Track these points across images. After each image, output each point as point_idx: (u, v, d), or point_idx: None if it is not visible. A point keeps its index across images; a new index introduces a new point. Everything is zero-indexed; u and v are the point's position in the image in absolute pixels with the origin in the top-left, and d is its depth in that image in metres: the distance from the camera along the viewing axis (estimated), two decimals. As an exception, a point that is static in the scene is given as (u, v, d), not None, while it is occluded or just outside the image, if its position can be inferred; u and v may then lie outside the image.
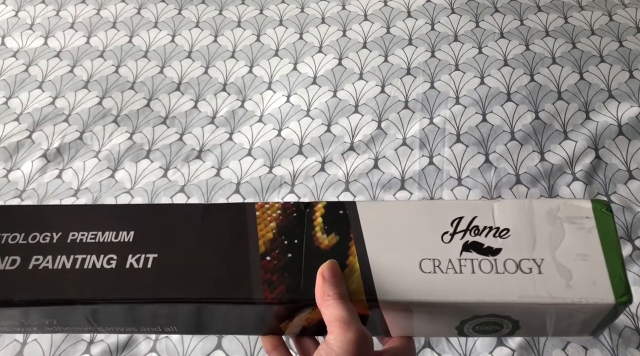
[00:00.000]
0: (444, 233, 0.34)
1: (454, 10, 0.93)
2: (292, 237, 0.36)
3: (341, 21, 0.94)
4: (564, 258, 0.32)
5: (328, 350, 0.29)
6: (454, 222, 0.34)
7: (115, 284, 0.34)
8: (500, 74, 0.82)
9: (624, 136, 0.73)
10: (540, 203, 0.34)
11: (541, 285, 0.31)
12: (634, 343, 0.57)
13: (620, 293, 0.31)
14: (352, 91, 0.82)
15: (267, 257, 0.35)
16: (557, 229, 0.33)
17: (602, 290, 0.31)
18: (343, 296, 0.31)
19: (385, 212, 0.36)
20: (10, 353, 0.60)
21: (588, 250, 0.32)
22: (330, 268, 0.32)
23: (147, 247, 0.35)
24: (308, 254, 0.35)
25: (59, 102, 0.84)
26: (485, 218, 0.34)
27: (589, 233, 0.33)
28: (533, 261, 0.32)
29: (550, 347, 0.57)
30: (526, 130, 0.75)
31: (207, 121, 0.81)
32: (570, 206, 0.34)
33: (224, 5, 0.99)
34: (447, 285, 0.32)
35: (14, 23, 0.98)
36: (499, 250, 0.33)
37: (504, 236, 0.33)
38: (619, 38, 0.86)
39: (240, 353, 0.59)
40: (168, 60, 0.90)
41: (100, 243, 0.35)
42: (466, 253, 0.33)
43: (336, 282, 0.32)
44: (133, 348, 0.60)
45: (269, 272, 0.34)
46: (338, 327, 0.30)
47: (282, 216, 0.37)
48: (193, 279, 0.34)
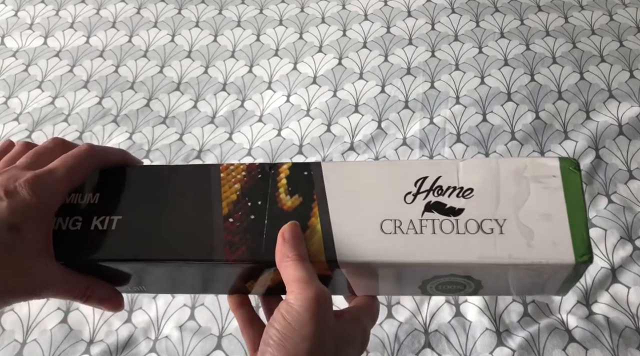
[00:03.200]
0: (407, 194, 0.34)
1: (454, 10, 0.93)
2: (256, 198, 0.35)
3: (341, 21, 0.93)
4: (527, 218, 0.32)
5: (288, 308, 0.29)
6: (418, 182, 0.34)
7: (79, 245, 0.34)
8: (501, 74, 0.82)
9: (625, 136, 0.73)
10: (507, 162, 0.34)
11: (502, 245, 0.31)
12: (635, 343, 0.57)
13: (581, 252, 0.30)
14: (352, 91, 0.82)
15: (230, 218, 0.35)
16: (522, 189, 0.33)
17: (563, 250, 0.31)
18: (302, 257, 0.31)
19: (350, 172, 0.35)
20: (10, 353, 0.60)
21: (552, 210, 0.32)
22: (290, 230, 0.32)
23: (112, 208, 0.36)
24: (271, 216, 0.35)
25: (59, 101, 0.84)
26: (449, 178, 0.34)
27: (555, 193, 0.32)
28: (495, 221, 0.32)
29: (551, 347, 0.57)
30: (526, 130, 0.75)
31: (206, 121, 0.81)
32: (538, 165, 0.33)
33: (223, 4, 0.98)
34: (406, 245, 0.32)
35: (14, 23, 0.98)
36: (461, 210, 0.33)
37: (467, 196, 0.33)
38: (620, 38, 0.86)
39: (240, 353, 0.59)
40: (168, 60, 0.90)
41: (67, 205, 0.35)
42: (428, 213, 0.33)
43: (296, 244, 0.32)
44: (133, 348, 0.60)
45: (231, 234, 0.34)
46: (297, 287, 0.30)
47: (246, 178, 0.36)
48: (156, 240, 0.35)
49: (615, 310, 0.59)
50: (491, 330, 0.58)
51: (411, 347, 0.58)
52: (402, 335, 0.59)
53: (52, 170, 0.32)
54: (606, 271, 0.61)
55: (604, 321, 0.58)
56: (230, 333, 0.60)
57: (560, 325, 0.58)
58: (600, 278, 0.61)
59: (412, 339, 0.59)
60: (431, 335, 0.59)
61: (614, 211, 0.66)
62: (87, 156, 0.34)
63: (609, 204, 0.67)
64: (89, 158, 0.34)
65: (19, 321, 0.62)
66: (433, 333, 0.59)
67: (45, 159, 0.33)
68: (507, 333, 0.58)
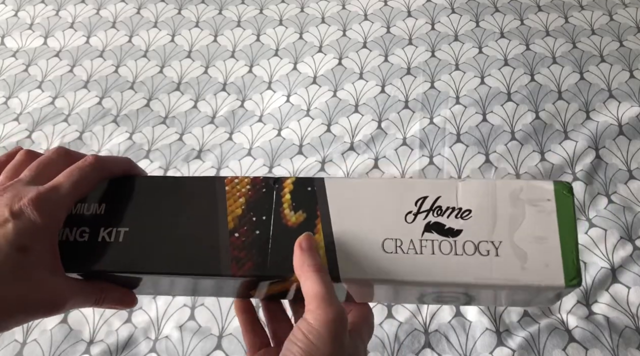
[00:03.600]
0: (408, 213, 0.34)
1: (454, 10, 0.93)
2: (261, 213, 0.36)
3: (341, 21, 0.93)
4: (522, 240, 0.33)
5: (309, 328, 0.30)
6: (418, 202, 0.35)
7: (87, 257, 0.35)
8: (501, 74, 0.82)
9: (625, 136, 0.73)
10: (504, 184, 0.34)
11: (497, 267, 0.32)
12: (635, 343, 0.57)
13: (571, 276, 0.32)
14: (352, 91, 0.82)
15: (236, 233, 0.35)
16: (518, 211, 0.34)
17: (554, 273, 0.32)
18: (321, 268, 0.31)
19: (353, 189, 0.36)
20: (10, 353, 0.60)
21: (546, 233, 0.33)
22: (307, 239, 0.33)
23: (119, 220, 0.36)
24: (276, 231, 0.35)
25: (59, 101, 0.84)
26: (448, 198, 0.34)
27: (549, 216, 0.33)
28: (491, 243, 0.33)
29: (551, 347, 0.57)
30: (526, 130, 0.75)
31: (206, 121, 0.81)
32: (533, 187, 0.34)
33: (223, 5, 0.98)
34: (407, 265, 0.33)
35: (14, 23, 0.98)
36: (459, 232, 0.33)
37: (465, 217, 0.34)
38: (620, 38, 0.86)
39: (240, 353, 0.59)
40: (168, 60, 0.90)
41: (72, 215, 0.35)
42: (428, 233, 0.34)
43: (313, 254, 0.32)
44: (133, 348, 0.60)
45: (237, 249, 0.35)
46: (317, 306, 0.30)
47: (251, 191, 0.37)
48: (163, 254, 0.35)
49: (615, 310, 0.59)
50: (491, 330, 0.58)
51: (411, 347, 0.58)
52: (402, 335, 0.59)
53: (57, 186, 0.32)
54: (606, 271, 0.61)
55: (604, 321, 0.58)
56: (230, 333, 0.60)
57: (560, 325, 0.58)
58: (600, 278, 0.61)
59: (412, 339, 0.59)
60: (431, 335, 0.59)
61: (614, 211, 0.66)
62: (93, 169, 0.34)
63: (609, 204, 0.67)
64: (94, 171, 0.34)
65: (19, 321, 0.62)
66: (433, 333, 0.59)
67: (49, 172, 0.33)
68: (507, 333, 0.58)
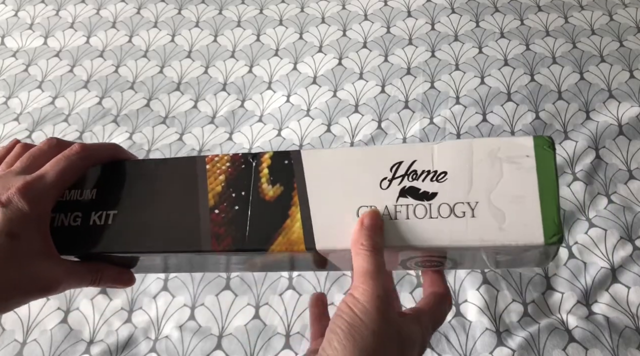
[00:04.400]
0: (383, 179, 0.34)
1: (454, 10, 0.93)
2: (240, 189, 0.36)
3: (341, 21, 0.93)
4: (499, 200, 0.32)
5: (354, 302, 0.30)
6: (393, 167, 0.34)
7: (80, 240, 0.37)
8: (501, 74, 0.82)
9: (625, 136, 0.73)
10: (481, 143, 0.33)
11: (473, 229, 0.32)
12: (635, 343, 0.57)
13: (551, 233, 0.31)
14: (352, 91, 0.82)
15: (216, 210, 0.36)
16: (496, 170, 0.33)
17: (533, 232, 0.31)
18: (375, 248, 0.31)
19: (330, 159, 0.36)
20: (10, 353, 0.60)
21: (524, 191, 0.32)
22: (370, 217, 0.32)
23: (108, 204, 0.37)
24: (254, 206, 0.36)
25: (59, 101, 0.84)
26: (424, 162, 0.34)
27: (528, 173, 0.32)
28: (467, 204, 0.32)
29: (551, 347, 0.57)
30: (526, 130, 0.75)
31: (207, 121, 0.81)
32: (512, 145, 0.33)
33: (223, 5, 0.98)
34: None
35: (14, 23, 0.98)
36: (434, 195, 0.33)
37: (441, 180, 0.33)
38: (620, 38, 0.86)
39: (240, 353, 0.59)
40: (168, 60, 0.90)
41: (67, 202, 0.37)
42: (402, 198, 0.33)
43: (373, 232, 0.32)
44: (133, 348, 0.60)
45: (217, 225, 0.35)
46: (363, 282, 0.30)
47: (230, 168, 0.37)
48: (149, 234, 0.37)
49: (615, 310, 0.59)
50: (491, 330, 0.58)
51: (411, 347, 0.58)
52: (402, 335, 0.59)
53: (42, 175, 0.34)
54: (606, 271, 0.61)
55: (604, 321, 0.58)
56: (230, 333, 0.60)
57: (560, 325, 0.58)
58: (600, 278, 0.61)
59: (412, 339, 0.59)
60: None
61: (614, 211, 0.66)
62: (79, 158, 0.35)
63: (609, 204, 0.67)
64: (80, 160, 0.36)
65: (19, 321, 0.62)
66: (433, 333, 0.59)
67: (39, 162, 0.35)
68: (507, 333, 0.58)
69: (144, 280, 0.65)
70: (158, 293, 0.64)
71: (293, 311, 0.61)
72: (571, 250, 0.64)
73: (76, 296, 0.64)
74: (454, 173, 0.33)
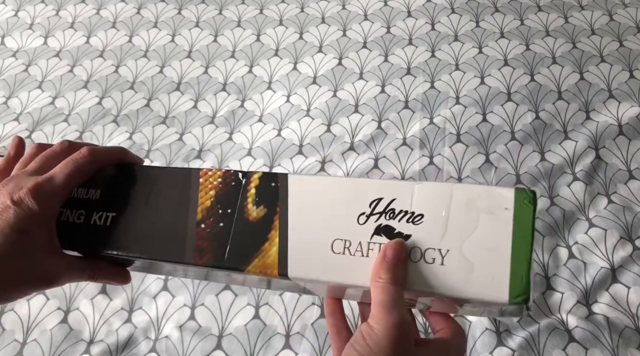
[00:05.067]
0: (361, 214, 0.33)
1: (454, 10, 0.93)
2: (227, 206, 0.37)
3: (341, 21, 0.93)
4: (471, 251, 0.31)
5: (369, 331, 0.30)
6: (373, 203, 0.34)
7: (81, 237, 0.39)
8: (501, 74, 0.82)
9: (625, 136, 0.73)
10: (462, 189, 0.33)
11: (440, 277, 0.31)
12: (635, 343, 0.57)
13: (516, 293, 0.30)
14: (352, 91, 0.82)
15: (202, 224, 0.37)
16: (472, 219, 0.32)
17: (498, 288, 0.30)
18: (394, 280, 0.31)
19: (314, 187, 0.35)
20: (10, 353, 0.60)
21: (497, 245, 0.31)
22: (394, 249, 0.32)
23: (109, 205, 0.39)
24: (237, 225, 0.36)
25: (59, 101, 0.84)
26: (403, 202, 0.33)
27: (504, 227, 0.31)
28: (439, 251, 0.32)
29: (551, 347, 0.57)
30: (526, 130, 0.75)
31: (206, 121, 0.81)
32: (492, 195, 0.32)
33: (223, 5, 0.99)
34: (351, 268, 0.33)
35: (14, 23, 0.98)
36: (408, 237, 0.32)
37: (417, 222, 0.33)
38: (619, 38, 0.86)
39: (240, 353, 0.59)
40: (168, 60, 0.90)
41: (74, 199, 0.39)
42: (377, 236, 0.33)
43: (394, 265, 0.31)
44: (133, 348, 0.60)
45: (201, 239, 0.36)
46: (379, 311, 0.30)
47: (221, 184, 0.38)
48: (139, 239, 0.38)
49: (615, 310, 0.59)
50: (491, 330, 0.58)
51: (411, 347, 0.58)
52: (402, 335, 0.59)
53: (52, 177, 0.36)
54: (606, 271, 0.61)
55: (604, 321, 0.58)
56: (230, 333, 0.60)
57: (560, 325, 0.58)
58: (600, 278, 0.61)
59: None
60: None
61: (614, 211, 0.66)
62: (86, 161, 0.38)
63: (609, 204, 0.67)
64: (87, 163, 0.38)
65: (19, 321, 0.62)
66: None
67: (51, 163, 0.38)
68: (507, 333, 0.58)
69: (144, 280, 0.65)
70: (158, 293, 0.64)
71: (293, 311, 0.61)
72: (571, 250, 0.64)
73: (76, 296, 0.64)
74: (430, 216, 0.32)
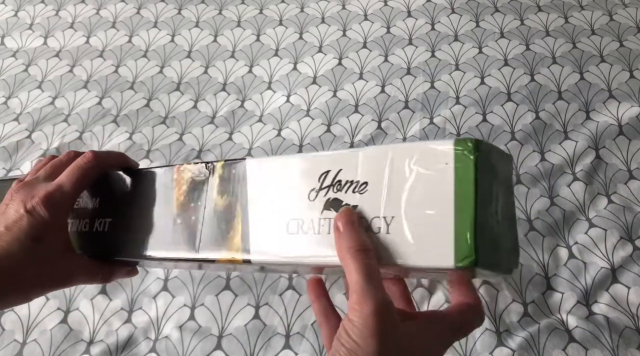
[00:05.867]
0: (311, 190, 0.32)
1: (454, 10, 0.93)
2: (197, 199, 0.37)
3: (341, 21, 0.93)
4: (414, 215, 0.29)
5: (350, 325, 0.29)
6: (321, 177, 0.32)
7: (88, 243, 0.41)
8: (501, 74, 0.82)
9: (625, 136, 0.73)
10: (399, 150, 0.30)
11: (387, 246, 0.29)
12: (635, 344, 0.57)
13: (462, 256, 0.27)
14: (352, 91, 0.82)
15: (178, 219, 0.37)
16: (412, 180, 0.29)
17: (443, 252, 0.27)
18: (359, 250, 0.29)
19: (269, 169, 0.35)
20: (10, 353, 0.60)
21: (440, 204, 0.28)
22: (342, 217, 0.30)
23: (106, 212, 0.41)
24: (206, 217, 0.36)
25: (59, 101, 0.84)
26: (349, 172, 0.31)
27: (445, 184, 0.28)
28: (383, 219, 0.30)
29: (551, 347, 0.57)
30: (526, 130, 0.75)
31: (206, 121, 0.81)
32: (430, 150, 0.29)
33: (223, 5, 0.98)
34: (305, 246, 0.32)
35: (14, 23, 0.98)
36: (354, 208, 0.31)
37: (362, 191, 0.31)
38: (620, 38, 0.86)
39: (239, 353, 0.59)
40: (168, 60, 0.90)
41: (79, 209, 0.42)
42: (326, 212, 0.32)
43: (349, 233, 0.30)
44: (133, 348, 0.60)
45: (178, 234, 0.37)
46: (356, 301, 0.28)
47: (191, 178, 0.38)
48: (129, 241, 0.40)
49: (615, 310, 0.59)
50: (491, 330, 0.58)
51: (411, 347, 0.58)
52: (402, 335, 0.59)
53: (61, 185, 0.38)
54: (606, 271, 0.61)
55: (604, 322, 0.58)
56: (230, 333, 0.60)
57: (560, 325, 0.58)
58: (600, 278, 0.61)
59: (412, 339, 0.59)
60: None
61: (614, 211, 0.66)
62: (91, 166, 0.40)
63: (609, 204, 0.67)
64: (92, 168, 0.40)
65: (19, 321, 0.62)
66: (433, 333, 0.59)
67: (59, 171, 0.40)
68: (507, 333, 0.58)
69: (144, 280, 0.65)
70: (158, 293, 0.64)
71: (293, 312, 0.61)
72: (571, 250, 0.64)
73: (76, 296, 0.64)
74: (373, 184, 0.30)
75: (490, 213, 0.28)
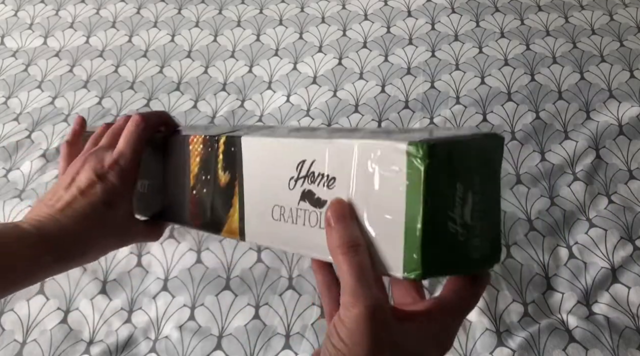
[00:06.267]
0: (291, 178, 0.32)
1: (454, 9, 0.93)
2: (207, 172, 0.38)
3: (341, 21, 0.93)
4: (373, 218, 0.28)
5: (340, 325, 0.28)
6: (299, 166, 0.32)
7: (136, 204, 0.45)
8: (501, 74, 0.82)
9: (625, 136, 0.73)
10: (362, 147, 0.29)
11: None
12: (635, 344, 0.57)
13: (410, 268, 0.26)
14: (352, 91, 0.82)
15: (194, 190, 0.40)
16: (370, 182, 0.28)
17: (394, 261, 0.27)
18: (351, 247, 0.28)
19: (262, 149, 0.34)
20: (10, 353, 0.60)
21: (393, 211, 0.27)
22: (334, 210, 0.30)
23: (145, 173, 0.45)
24: (214, 190, 0.37)
25: (59, 101, 0.84)
26: (320, 164, 0.31)
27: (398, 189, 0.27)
28: None
29: (551, 347, 0.57)
30: (526, 130, 0.75)
31: (206, 121, 0.81)
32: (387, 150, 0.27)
33: (223, 4, 0.98)
34: (285, 234, 0.33)
35: (13, 22, 0.98)
36: (324, 203, 0.30)
37: (331, 186, 0.30)
38: (620, 38, 0.86)
39: (240, 353, 0.59)
40: (168, 59, 0.90)
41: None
42: (302, 202, 0.32)
43: (343, 228, 0.29)
44: (133, 348, 0.60)
45: (193, 204, 0.40)
46: (347, 301, 0.28)
47: (203, 150, 0.39)
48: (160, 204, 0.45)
49: (616, 310, 0.59)
50: (491, 330, 0.58)
51: (411, 347, 0.58)
52: (402, 335, 0.59)
53: (123, 153, 0.42)
54: (606, 271, 0.61)
55: (604, 322, 0.58)
56: (230, 333, 0.60)
57: (561, 325, 0.58)
58: (601, 278, 0.61)
59: (412, 339, 0.59)
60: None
61: (614, 211, 0.66)
62: (142, 129, 0.43)
63: (609, 204, 0.67)
64: (143, 131, 0.44)
65: (19, 321, 0.62)
66: (433, 333, 0.59)
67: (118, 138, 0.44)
68: (507, 333, 0.58)
69: (143, 280, 0.64)
70: (158, 293, 0.63)
71: (293, 312, 0.61)
72: (571, 250, 0.64)
73: (76, 296, 0.64)
74: (340, 180, 0.30)
75: (451, 218, 0.27)
